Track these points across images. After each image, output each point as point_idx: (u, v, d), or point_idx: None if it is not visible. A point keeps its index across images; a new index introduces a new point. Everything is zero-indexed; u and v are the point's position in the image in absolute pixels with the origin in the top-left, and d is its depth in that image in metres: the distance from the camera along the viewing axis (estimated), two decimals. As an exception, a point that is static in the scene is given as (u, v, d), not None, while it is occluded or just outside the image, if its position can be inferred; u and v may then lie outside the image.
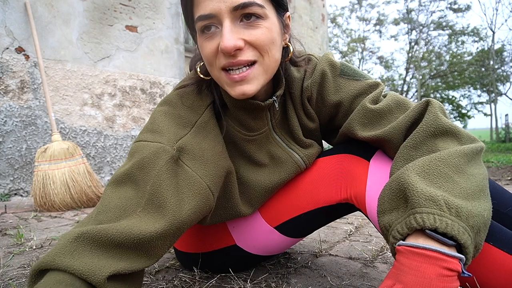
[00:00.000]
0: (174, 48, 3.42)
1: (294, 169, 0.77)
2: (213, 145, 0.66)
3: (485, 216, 0.50)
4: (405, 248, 0.48)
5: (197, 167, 0.62)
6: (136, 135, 3.11)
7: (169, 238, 0.56)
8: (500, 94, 20.68)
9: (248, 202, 0.76)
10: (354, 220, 1.58)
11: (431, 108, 0.61)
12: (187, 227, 0.59)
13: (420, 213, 0.48)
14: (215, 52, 0.60)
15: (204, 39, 0.61)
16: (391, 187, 0.54)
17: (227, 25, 0.57)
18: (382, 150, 0.71)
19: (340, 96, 0.73)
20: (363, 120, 0.68)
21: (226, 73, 0.61)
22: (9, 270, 0.97)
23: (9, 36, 2.41)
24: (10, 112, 2.40)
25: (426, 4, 20.64)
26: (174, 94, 0.70)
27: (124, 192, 0.56)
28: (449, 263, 0.46)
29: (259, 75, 0.62)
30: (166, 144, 0.60)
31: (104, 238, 0.49)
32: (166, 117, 0.65)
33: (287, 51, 0.71)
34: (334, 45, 24.12)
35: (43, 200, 2.01)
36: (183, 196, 0.58)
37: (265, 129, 0.74)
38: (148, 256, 0.53)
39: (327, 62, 0.75)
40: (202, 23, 0.59)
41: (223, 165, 0.67)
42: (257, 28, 0.59)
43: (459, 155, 0.54)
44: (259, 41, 0.59)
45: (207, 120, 0.68)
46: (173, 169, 0.58)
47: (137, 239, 0.50)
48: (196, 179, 0.60)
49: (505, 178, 3.15)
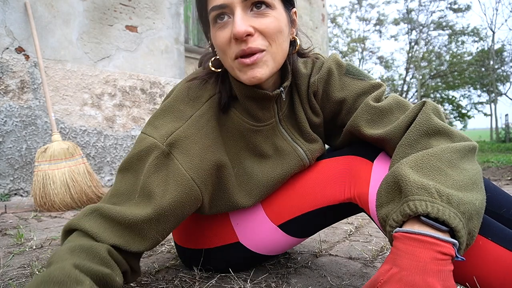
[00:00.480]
0: (174, 48, 3.42)
1: (296, 163, 0.79)
2: (204, 138, 0.71)
3: (476, 205, 0.52)
4: (401, 234, 0.50)
5: (183, 160, 0.67)
6: (136, 135, 3.12)
7: (154, 223, 0.64)
8: (500, 94, 20.69)
9: (248, 193, 0.78)
10: (354, 220, 1.58)
11: (425, 109, 0.65)
12: (172, 215, 0.66)
13: (412, 201, 0.51)
14: (228, 41, 0.64)
15: (217, 29, 0.65)
16: (387, 182, 0.57)
17: (239, 13, 0.62)
18: (385, 151, 0.73)
19: (344, 94, 0.77)
20: (366, 117, 0.72)
21: (238, 59, 0.65)
22: (9, 270, 0.97)
23: (9, 36, 2.41)
24: (10, 112, 2.40)
25: (426, 4, 20.64)
26: (180, 87, 0.74)
27: (128, 179, 0.67)
28: (443, 247, 0.48)
29: (268, 61, 0.66)
30: (158, 140, 0.67)
31: (109, 215, 0.62)
32: (166, 112, 0.71)
33: (294, 45, 0.75)
34: (334, 45, 24.13)
35: (43, 200, 2.01)
36: (168, 186, 0.65)
37: (272, 121, 0.77)
38: (141, 238, 0.63)
39: (334, 61, 0.80)
40: (215, 13, 0.64)
41: (210, 158, 0.71)
42: (266, 17, 0.64)
43: (451, 151, 0.57)
44: (268, 29, 0.64)
45: (203, 114, 0.72)
46: (163, 162, 0.66)
47: (128, 220, 0.61)
48: (181, 171, 0.66)
49: (505, 178, 3.15)
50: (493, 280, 0.56)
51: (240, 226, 0.84)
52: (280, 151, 0.79)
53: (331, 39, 23.64)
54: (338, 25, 24.09)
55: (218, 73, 0.75)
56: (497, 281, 0.55)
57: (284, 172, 0.79)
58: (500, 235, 0.57)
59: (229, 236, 0.85)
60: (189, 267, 0.94)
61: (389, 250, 1.08)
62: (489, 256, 0.56)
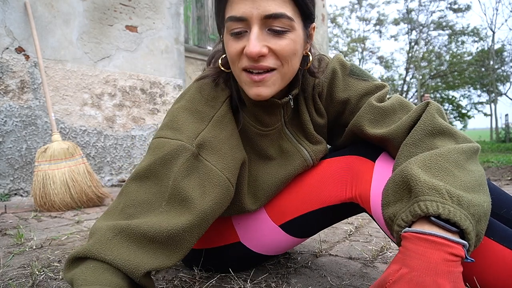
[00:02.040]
0: (174, 48, 3.42)
1: (301, 164, 0.79)
2: (230, 138, 0.69)
3: (484, 207, 0.53)
4: (411, 234, 0.50)
5: (216, 160, 0.65)
6: (136, 135, 3.12)
7: (196, 230, 0.60)
8: (500, 94, 20.68)
9: (254, 197, 0.78)
10: (354, 220, 1.58)
11: (429, 109, 0.65)
12: (212, 219, 0.63)
13: (423, 201, 0.50)
14: (239, 53, 0.63)
15: (231, 37, 0.64)
16: (394, 180, 0.57)
17: (255, 31, 0.60)
18: (387, 152, 0.73)
19: (348, 94, 0.77)
20: (369, 117, 0.72)
21: (247, 74, 0.64)
22: (9, 270, 0.96)
23: (9, 36, 2.41)
24: (10, 112, 2.40)
25: (426, 4, 20.64)
26: (194, 88, 0.73)
27: (148, 187, 0.61)
28: (454, 248, 0.48)
29: (276, 81, 0.65)
30: (186, 141, 0.63)
31: (138, 233, 0.54)
32: (185, 113, 0.68)
33: (306, 60, 0.73)
34: (334, 45, 24.13)
35: (43, 200, 2.01)
36: (205, 189, 0.62)
37: (278, 124, 0.77)
38: (177, 250, 0.58)
39: (338, 61, 0.80)
40: (232, 24, 0.62)
41: (239, 157, 0.70)
42: (283, 39, 0.62)
43: (458, 152, 0.57)
44: (283, 52, 0.62)
45: (224, 114, 0.71)
46: (194, 165, 0.63)
47: (167, 232, 0.55)
48: (216, 172, 0.64)
49: (505, 178, 3.15)
50: (496, 279, 0.56)
51: (241, 226, 0.84)
52: (285, 152, 0.79)
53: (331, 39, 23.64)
54: (338, 25, 24.10)
55: (227, 74, 0.74)
56: (500, 281, 0.55)
57: (288, 173, 0.79)
58: (502, 234, 0.57)
59: (230, 236, 0.85)
60: (189, 267, 0.94)
61: (389, 250, 1.08)
62: (492, 256, 0.56)
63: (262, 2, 0.59)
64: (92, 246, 0.53)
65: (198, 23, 4.39)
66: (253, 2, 0.59)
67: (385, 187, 0.59)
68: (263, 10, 0.59)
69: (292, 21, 0.61)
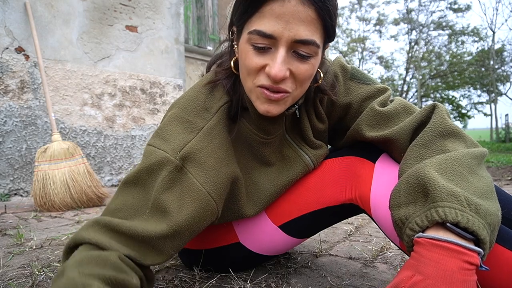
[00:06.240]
0: (174, 48, 3.41)
1: (302, 169, 0.79)
2: (217, 151, 0.68)
3: (498, 216, 0.52)
4: (426, 240, 0.49)
5: (198, 174, 0.64)
6: (136, 135, 3.12)
7: (169, 239, 0.60)
8: (500, 94, 20.68)
9: (253, 203, 0.77)
10: (354, 220, 1.58)
11: (438, 111, 0.64)
12: (189, 231, 0.63)
13: (442, 207, 0.49)
14: (259, 68, 0.61)
15: (252, 51, 0.61)
16: (408, 182, 0.55)
17: (282, 54, 0.58)
18: (387, 153, 0.72)
19: (350, 98, 0.76)
20: (371, 122, 0.71)
21: (262, 90, 0.62)
22: (9, 270, 0.96)
23: (9, 36, 2.40)
24: (10, 112, 2.40)
25: (426, 4, 20.64)
26: (188, 95, 0.71)
27: (136, 193, 0.63)
28: (470, 256, 0.46)
29: (288, 101, 0.65)
30: (171, 154, 0.63)
31: (116, 228, 0.57)
32: (175, 122, 0.68)
33: (316, 78, 0.73)
34: (334, 45, 24.11)
35: (43, 200, 2.01)
36: (184, 202, 0.62)
37: (279, 131, 0.76)
38: (156, 252, 0.59)
39: (338, 65, 0.79)
40: (257, 38, 0.59)
41: (225, 171, 0.68)
42: (305, 63, 0.61)
43: (470, 157, 0.56)
44: (301, 76, 0.62)
45: (214, 125, 0.69)
46: (177, 177, 0.63)
47: (141, 236, 0.57)
48: (196, 186, 0.63)
49: (505, 178, 3.15)
50: (497, 281, 0.55)
51: (240, 227, 0.84)
52: (286, 158, 0.78)
53: (331, 39, 23.57)
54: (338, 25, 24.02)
55: (234, 78, 0.72)
56: (503, 283, 0.55)
57: (289, 179, 0.78)
58: (505, 237, 0.56)
59: (229, 236, 0.85)
60: (189, 267, 0.94)
61: (389, 250, 1.08)
62: (495, 259, 0.55)
63: (295, 25, 0.56)
64: (78, 233, 0.57)
65: (198, 23, 4.40)
66: (287, 23, 0.56)
67: (396, 187, 0.57)
68: (295, 34, 0.57)
69: (318, 48, 0.60)
